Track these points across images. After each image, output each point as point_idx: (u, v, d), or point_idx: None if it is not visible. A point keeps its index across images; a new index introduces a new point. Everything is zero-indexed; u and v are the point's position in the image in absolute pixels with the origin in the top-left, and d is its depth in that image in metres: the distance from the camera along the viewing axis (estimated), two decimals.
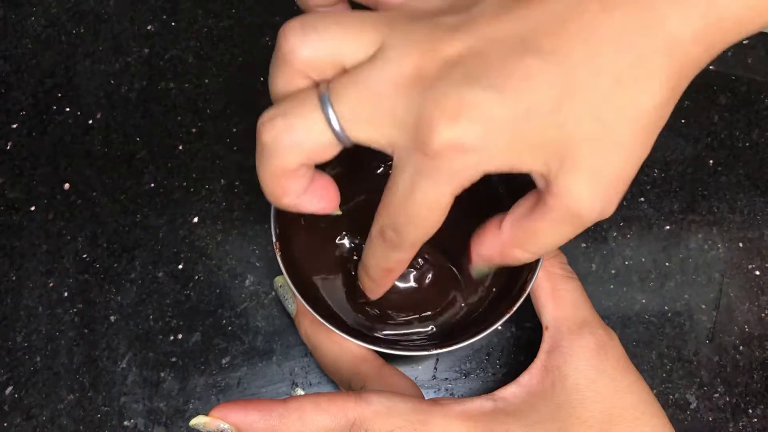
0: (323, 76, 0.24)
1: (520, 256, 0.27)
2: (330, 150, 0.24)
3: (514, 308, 0.31)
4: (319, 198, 0.27)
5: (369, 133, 0.23)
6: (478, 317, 0.35)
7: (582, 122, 0.22)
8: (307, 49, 0.23)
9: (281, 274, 0.32)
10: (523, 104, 0.22)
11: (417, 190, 0.24)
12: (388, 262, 0.28)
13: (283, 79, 0.24)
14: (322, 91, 0.23)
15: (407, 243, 0.27)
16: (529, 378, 0.29)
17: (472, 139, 0.22)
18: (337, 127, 0.23)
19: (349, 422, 0.25)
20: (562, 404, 0.28)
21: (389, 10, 0.25)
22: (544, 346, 0.31)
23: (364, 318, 0.35)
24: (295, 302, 0.34)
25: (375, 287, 0.30)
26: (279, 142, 0.24)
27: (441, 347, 0.31)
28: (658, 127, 0.24)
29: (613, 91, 0.22)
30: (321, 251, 0.36)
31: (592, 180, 0.23)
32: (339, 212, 0.29)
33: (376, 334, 0.35)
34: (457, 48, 0.22)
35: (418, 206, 0.24)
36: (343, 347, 0.32)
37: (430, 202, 0.24)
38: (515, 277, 0.34)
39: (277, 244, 0.32)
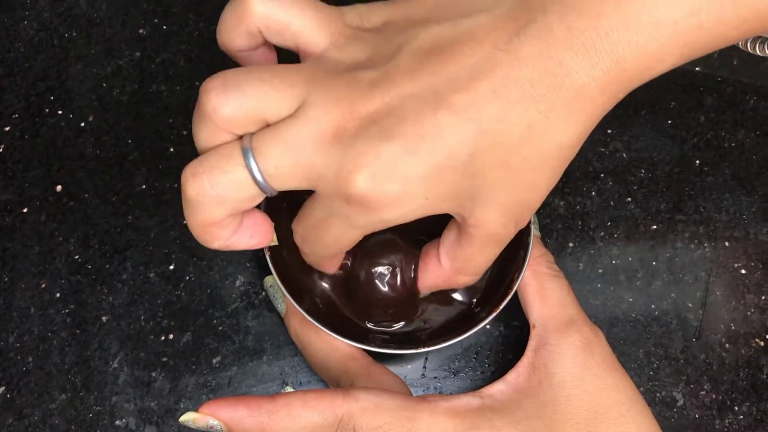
0: (246, 131, 0.25)
1: (462, 281, 0.30)
2: (254, 200, 0.26)
3: (501, 307, 0.32)
4: (251, 235, 0.28)
5: (291, 184, 0.25)
6: (465, 316, 0.35)
7: (492, 172, 0.24)
8: (229, 107, 0.24)
9: (271, 274, 0.32)
10: (436, 160, 0.23)
11: (329, 226, 0.26)
12: (315, 258, 0.31)
13: (207, 134, 0.25)
14: (245, 144, 0.24)
15: (317, 256, 0.30)
16: (516, 376, 0.30)
17: (388, 195, 0.24)
18: (260, 180, 0.24)
19: (337, 419, 0.25)
20: (549, 401, 0.28)
21: (310, 58, 0.26)
22: (531, 344, 0.31)
23: (354, 317, 0.35)
24: (284, 302, 0.35)
25: (318, 267, 0.33)
26: (204, 197, 0.25)
27: (429, 345, 0.31)
28: (566, 162, 0.26)
29: (523, 140, 0.24)
30: None
31: (501, 210, 0.26)
32: (275, 243, 0.30)
33: (365, 333, 0.35)
34: (374, 105, 0.24)
35: (325, 236, 0.27)
36: (332, 346, 0.33)
37: (336, 236, 0.27)
38: (502, 277, 0.34)
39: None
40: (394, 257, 0.34)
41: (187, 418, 0.26)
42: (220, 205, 0.25)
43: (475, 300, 0.36)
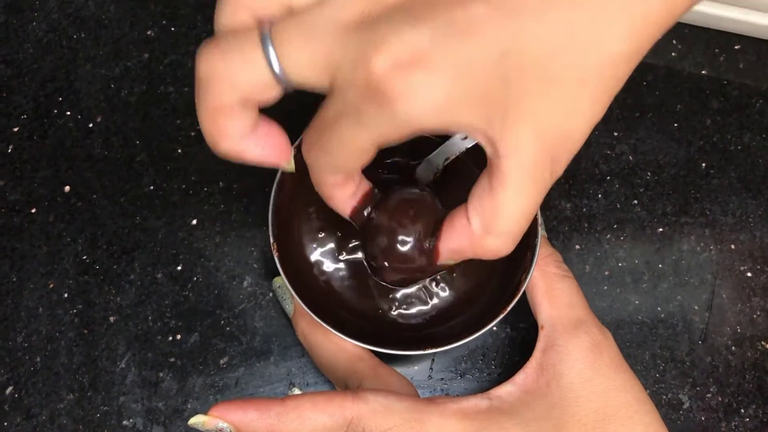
0: (269, 14, 0.23)
1: (491, 245, 0.25)
2: (269, 91, 0.23)
3: (508, 309, 0.32)
4: (264, 145, 0.26)
5: (308, 76, 0.23)
6: (473, 317, 0.35)
7: (527, 79, 0.21)
8: None
9: (280, 275, 0.32)
10: (465, 51, 0.21)
11: (339, 125, 0.23)
12: (322, 176, 0.27)
13: (228, 12, 0.23)
14: (265, 30, 0.23)
15: (325, 170, 0.26)
16: (524, 377, 0.30)
17: (405, 82, 0.21)
18: (276, 68, 0.23)
19: (347, 420, 0.26)
20: (557, 402, 0.28)
21: None
22: (540, 344, 0.31)
23: (370, 317, 0.36)
24: (292, 303, 0.35)
25: (329, 197, 0.28)
26: (216, 76, 0.23)
27: (436, 347, 0.32)
28: (614, 86, 0.23)
29: (565, 46, 0.21)
30: (318, 251, 0.36)
31: (536, 134, 0.22)
32: (291, 167, 0.27)
33: (372, 334, 0.35)
34: None
35: (333, 138, 0.24)
36: (339, 346, 0.33)
37: (344, 139, 0.24)
38: (509, 279, 0.34)
39: (275, 245, 0.32)
40: (420, 211, 0.31)
41: (196, 420, 0.26)
42: (233, 88, 0.23)
43: (482, 302, 0.36)
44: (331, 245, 0.36)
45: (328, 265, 0.36)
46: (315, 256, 0.36)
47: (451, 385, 0.39)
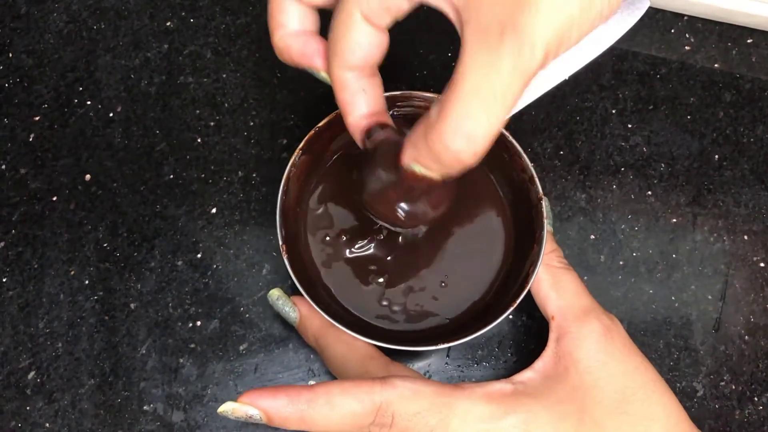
0: None
1: (444, 135, 0.22)
2: None
3: (517, 302, 0.32)
4: (305, 45, 0.29)
5: None
6: (485, 310, 0.35)
7: None
8: None
9: (274, 288, 0.33)
10: None
11: (337, 11, 0.26)
12: (339, 70, 0.27)
13: None
14: None
15: (333, 67, 0.27)
16: (543, 364, 0.30)
17: None
18: None
19: (376, 405, 0.26)
20: (578, 386, 0.29)
21: None
22: (553, 335, 0.31)
23: (380, 315, 0.36)
24: (296, 309, 0.35)
25: (342, 112, 0.29)
26: None
27: (447, 341, 0.32)
28: None
29: None
30: (328, 251, 0.36)
31: None
32: (324, 77, 0.29)
33: (390, 330, 0.35)
34: None
35: (334, 29, 0.26)
36: (350, 346, 0.33)
37: (341, 19, 0.26)
38: (517, 272, 0.35)
39: (284, 246, 0.32)
40: None
41: (226, 408, 0.26)
42: None
43: (492, 294, 0.35)
44: (339, 246, 0.36)
45: (336, 266, 0.36)
46: (322, 257, 0.36)
47: (468, 372, 0.39)
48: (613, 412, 0.28)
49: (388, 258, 0.36)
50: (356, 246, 0.36)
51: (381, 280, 0.36)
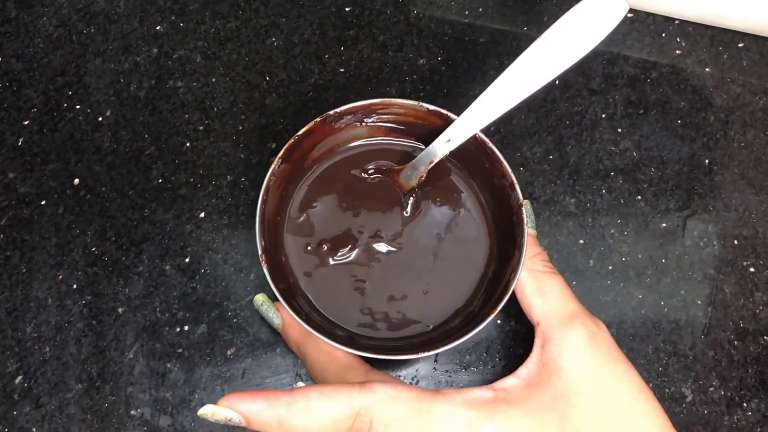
0: None
1: None
2: None
3: (499, 307, 0.32)
4: None
5: None
6: (468, 317, 0.35)
7: None
8: None
9: (258, 293, 0.32)
10: None
11: None
12: None
13: None
14: None
15: None
16: (526, 371, 0.30)
17: None
18: None
19: (354, 410, 0.26)
20: (560, 394, 0.29)
21: None
22: (538, 341, 0.31)
23: (362, 324, 0.35)
24: (279, 315, 0.35)
25: None
26: None
27: (428, 350, 0.31)
28: None
29: None
30: (309, 259, 0.36)
31: None
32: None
33: (372, 338, 0.35)
34: None
35: None
36: (330, 356, 0.33)
37: None
38: (497, 279, 0.34)
39: (263, 256, 0.32)
40: None
41: (206, 411, 0.26)
42: None
43: (476, 302, 0.35)
44: (319, 255, 0.36)
45: (317, 275, 0.36)
46: (303, 265, 0.36)
47: (456, 377, 0.39)
48: (595, 420, 0.28)
49: (370, 266, 0.36)
50: (337, 254, 0.36)
51: (362, 288, 0.35)
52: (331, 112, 0.35)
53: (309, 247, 0.36)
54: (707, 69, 0.45)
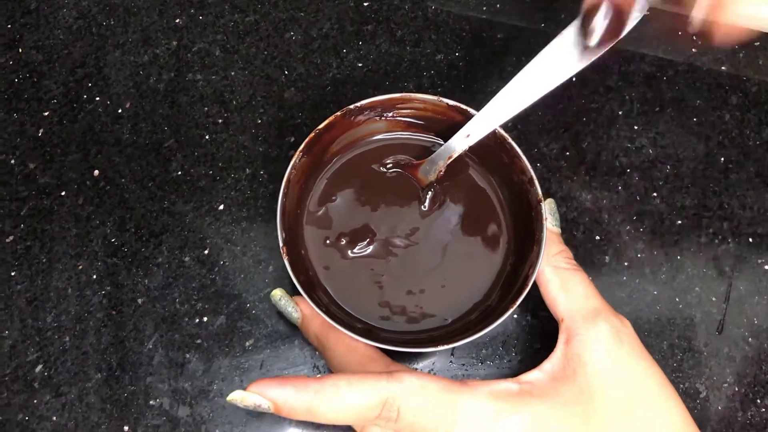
0: None
1: None
2: None
3: (517, 303, 0.32)
4: None
5: None
6: (486, 311, 0.35)
7: None
8: None
9: (276, 288, 0.33)
10: None
11: None
12: None
13: None
14: None
15: None
16: (551, 365, 0.30)
17: None
18: None
19: (382, 399, 0.26)
20: (585, 389, 0.29)
21: None
22: (562, 337, 0.32)
23: (380, 317, 0.36)
24: (298, 309, 0.35)
25: None
26: None
27: (447, 343, 0.32)
28: None
29: None
30: (328, 252, 0.36)
31: None
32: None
33: (390, 331, 0.35)
34: None
35: None
36: (350, 347, 0.33)
37: None
38: (516, 274, 0.35)
39: (284, 248, 0.33)
40: None
41: (235, 396, 0.26)
42: None
43: (495, 296, 0.36)
44: (339, 248, 0.36)
45: (336, 268, 0.36)
46: (322, 258, 0.36)
47: (472, 371, 0.39)
48: (619, 415, 0.28)
49: (388, 259, 0.36)
50: (356, 248, 0.36)
51: (380, 281, 0.36)
52: (352, 107, 0.35)
53: (328, 241, 0.36)
54: (723, 67, 0.46)
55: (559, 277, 0.33)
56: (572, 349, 0.31)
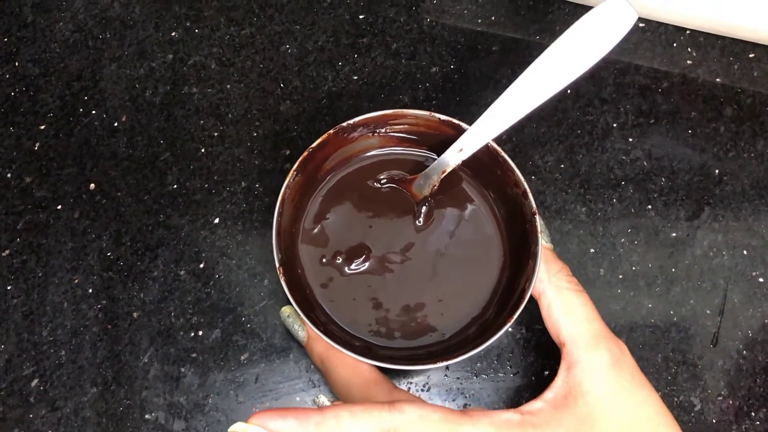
0: None
1: None
2: None
3: (515, 316, 0.32)
4: None
5: None
6: (483, 325, 0.35)
7: None
8: None
9: (286, 305, 0.33)
10: None
11: None
12: None
13: None
14: None
15: None
16: (553, 395, 0.31)
17: None
18: None
19: (384, 430, 0.26)
20: (586, 417, 0.29)
21: None
22: (564, 363, 0.31)
23: (378, 333, 0.36)
24: (304, 329, 0.35)
25: None
26: None
27: (447, 359, 0.32)
28: None
29: None
30: (325, 270, 0.36)
31: None
32: None
33: (389, 348, 0.36)
34: None
35: None
36: (354, 370, 0.33)
37: None
38: (512, 288, 0.35)
39: (281, 269, 0.33)
40: None
41: (236, 429, 0.26)
42: None
43: (491, 310, 0.36)
44: (335, 265, 0.36)
45: (332, 285, 0.36)
46: (319, 277, 0.36)
47: (467, 384, 0.39)
48: None
49: (384, 276, 0.36)
50: (352, 265, 0.36)
51: (378, 298, 0.36)
52: (344, 124, 0.35)
53: (324, 259, 0.36)
54: (718, 79, 0.46)
55: (561, 299, 0.33)
56: (574, 377, 0.31)
